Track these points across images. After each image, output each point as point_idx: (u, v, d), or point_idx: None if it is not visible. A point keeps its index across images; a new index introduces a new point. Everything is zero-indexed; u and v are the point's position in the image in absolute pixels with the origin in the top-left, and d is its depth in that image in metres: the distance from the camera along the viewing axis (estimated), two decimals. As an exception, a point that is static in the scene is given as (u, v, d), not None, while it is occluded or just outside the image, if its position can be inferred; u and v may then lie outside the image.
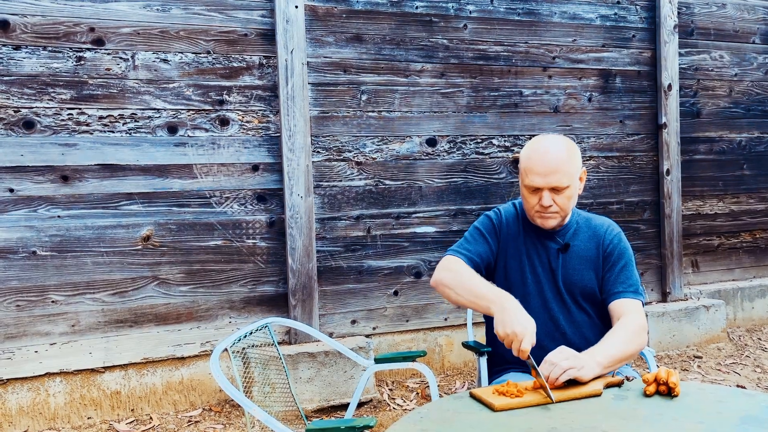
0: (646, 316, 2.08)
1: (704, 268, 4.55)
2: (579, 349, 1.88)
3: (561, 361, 1.58)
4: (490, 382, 2.06)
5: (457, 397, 1.60)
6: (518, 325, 1.63)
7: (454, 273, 1.88)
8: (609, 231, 1.98)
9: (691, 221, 4.47)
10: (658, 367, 2.00)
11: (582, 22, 4.04)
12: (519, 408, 1.49)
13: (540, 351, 1.83)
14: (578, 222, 2.00)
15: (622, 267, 1.92)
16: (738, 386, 3.52)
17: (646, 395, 1.54)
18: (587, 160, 4.08)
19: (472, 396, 1.57)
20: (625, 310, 1.84)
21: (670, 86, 4.22)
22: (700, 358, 3.99)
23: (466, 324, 3.31)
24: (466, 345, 2.31)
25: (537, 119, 3.94)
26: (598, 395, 1.55)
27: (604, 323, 1.95)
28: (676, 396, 1.53)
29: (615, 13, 4.13)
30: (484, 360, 2.13)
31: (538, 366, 1.59)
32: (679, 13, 4.27)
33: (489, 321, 2.11)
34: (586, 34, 4.05)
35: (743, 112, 4.61)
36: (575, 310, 1.93)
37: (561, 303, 1.93)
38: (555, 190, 1.84)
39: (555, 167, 1.82)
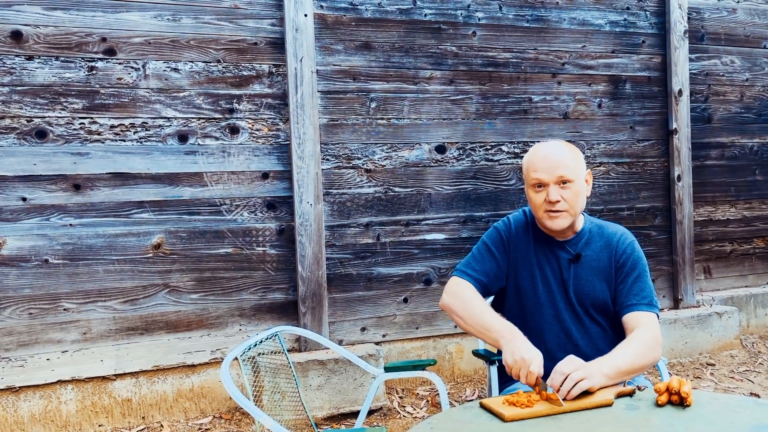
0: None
1: (717, 274, 4.51)
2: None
3: (572, 372, 1.56)
4: (500, 391, 2.05)
5: (467, 406, 1.60)
6: (526, 353, 1.64)
7: (463, 301, 1.87)
8: (622, 241, 1.94)
9: (703, 227, 4.44)
10: (670, 376, 1.99)
11: (591, 28, 4.03)
12: (529, 418, 1.48)
13: (551, 362, 1.82)
14: (591, 230, 1.96)
15: (635, 278, 1.89)
16: (752, 394, 3.49)
17: (658, 405, 1.52)
18: (597, 166, 4.06)
19: (482, 406, 1.56)
20: (639, 323, 1.81)
21: (680, 92, 4.20)
22: (713, 365, 3.95)
23: (476, 331, 3.29)
24: (476, 353, 2.30)
25: (546, 125, 3.93)
26: (609, 405, 1.54)
27: (617, 334, 1.92)
28: (688, 406, 1.51)
29: (624, 19, 4.11)
30: (494, 369, 2.12)
31: (546, 381, 1.58)
32: (689, 18, 4.26)
33: None
34: (596, 40, 4.04)
35: (755, 117, 4.58)
36: (588, 321, 1.91)
37: (573, 314, 1.91)
38: (561, 183, 1.82)
39: (558, 161, 1.83)
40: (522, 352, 1.64)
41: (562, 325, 1.90)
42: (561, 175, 1.81)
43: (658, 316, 1.88)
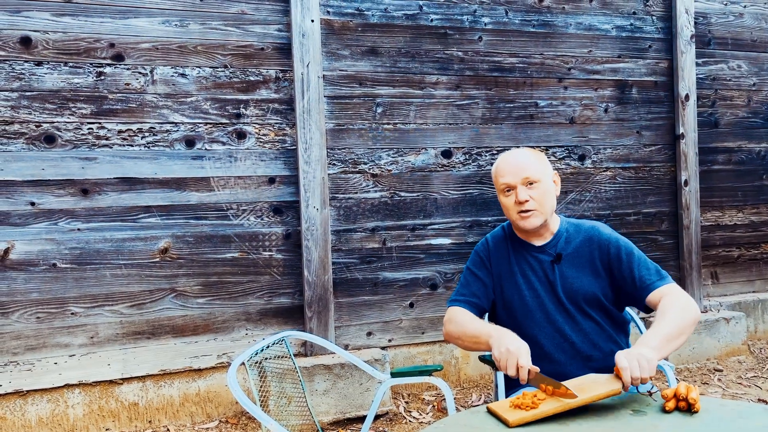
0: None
1: (724, 279, 4.49)
2: (589, 357, 1.87)
3: (642, 371, 1.54)
4: (506, 396, 2.04)
5: (473, 411, 1.60)
6: (512, 345, 1.65)
7: (456, 324, 1.94)
8: (602, 234, 1.97)
9: (710, 232, 4.42)
10: (677, 381, 1.98)
11: (598, 33, 4.03)
12: (534, 420, 1.47)
13: (551, 365, 1.84)
14: (567, 230, 2.01)
15: (636, 262, 1.91)
16: (759, 400, 3.47)
17: (666, 411, 1.52)
18: (604, 171, 4.05)
19: (489, 411, 1.56)
20: (663, 294, 1.83)
21: (687, 96, 4.19)
22: (721, 371, 3.93)
23: (482, 336, 3.28)
24: (482, 359, 2.30)
25: (553, 130, 3.93)
26: (617, 394, 1.53)
27: (613, 328, 1.95)
28: (696, 412, 1.51)
29: (631, 24, 4.11)
30: (501, 374, 2.11)
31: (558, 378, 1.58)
32: (695, 23, 4.25)
33: None
34: (602, 45, 4.04)
35: (762, 122, 4.57)
36: (580, 318, 1.92)
37: (564, 313, 1.93)
38: (527, 184, 1.91)
39: (523, 163, 1.93)
40: (508, 344, 1.65)
41: (555, 326, 1.92)
42: (527, 176, 1.91)
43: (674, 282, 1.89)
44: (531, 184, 1.91)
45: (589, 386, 1.56)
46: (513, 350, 1.63)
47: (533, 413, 1.48)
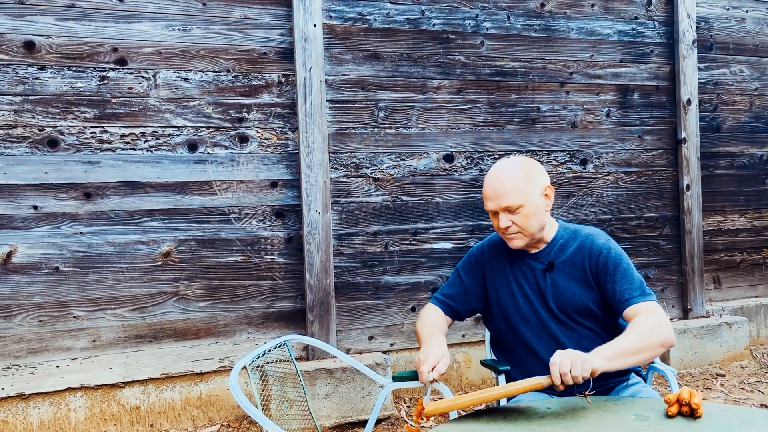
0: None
1: (726, 284, 4.48)
2: None
3: (571, 368, 1.54)
4: (508, 401, 2.04)
5: (475, 416, 1.60)
6: (424, 352, 1.80)
7: (420, 321, 2.07)
8: (595, 242, 1.95)
9: (712, 237, 4.42)
10: (680, 386, 1.98)
11: (599, 38, 4.04)
12: (449, 410, 1.59)
13: (546, 371, 1.85)
14: (564, 237, 2.00)
15: (621, 275, 1.89)
16: (762, 405, 3.46)
17: (669, 416, 1.52)
18: (606, 175, 4.05)
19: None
20: (638, 312, 1.81)
21: (689, 101, 4.19)
22: (723, 376, 3.92)
23: (484, 341, 3.29)
24: (484, 363, 2.30)
25: (555, 135, 3.93)
26: (539, 388, 1.55)
27: (609, 335, 1.93)
28: (699, 417, 1.50)
29: (633, 29, 4.12)
30: (502, 379, 2.11)
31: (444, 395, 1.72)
32: (697, 27, 4.26)
33: (493, 341, 2.17)
34: (604, 50, 4.05)
35: (764, 126, 4.57)
36: (574, 325, 1.93)
37: (557, 321, 1.93)
38: (508, 210, 1.89)
39: (503, 189, 1.89)
40: (421, 353, 1.81)
41: (549, 333, 1.93)
42: (506, 206, 1.89)
43: (657, 302, 1.87)
44: (512, 210, 1.89)
45: (519, 382, 1.60)
46: (422, 358, 1.77)
47: (446, 404, 1.58)
